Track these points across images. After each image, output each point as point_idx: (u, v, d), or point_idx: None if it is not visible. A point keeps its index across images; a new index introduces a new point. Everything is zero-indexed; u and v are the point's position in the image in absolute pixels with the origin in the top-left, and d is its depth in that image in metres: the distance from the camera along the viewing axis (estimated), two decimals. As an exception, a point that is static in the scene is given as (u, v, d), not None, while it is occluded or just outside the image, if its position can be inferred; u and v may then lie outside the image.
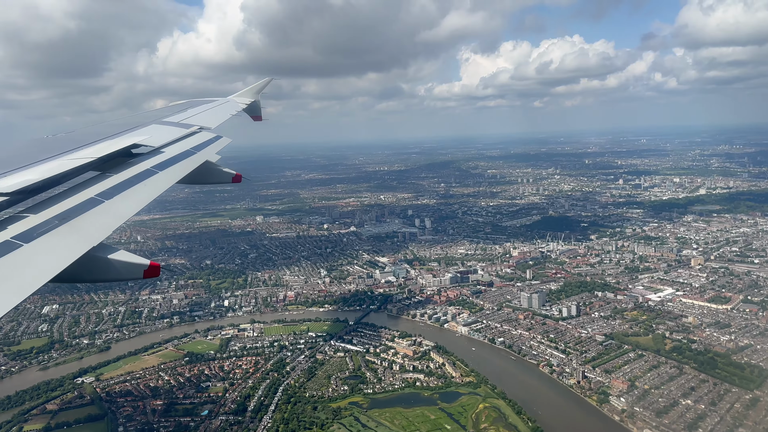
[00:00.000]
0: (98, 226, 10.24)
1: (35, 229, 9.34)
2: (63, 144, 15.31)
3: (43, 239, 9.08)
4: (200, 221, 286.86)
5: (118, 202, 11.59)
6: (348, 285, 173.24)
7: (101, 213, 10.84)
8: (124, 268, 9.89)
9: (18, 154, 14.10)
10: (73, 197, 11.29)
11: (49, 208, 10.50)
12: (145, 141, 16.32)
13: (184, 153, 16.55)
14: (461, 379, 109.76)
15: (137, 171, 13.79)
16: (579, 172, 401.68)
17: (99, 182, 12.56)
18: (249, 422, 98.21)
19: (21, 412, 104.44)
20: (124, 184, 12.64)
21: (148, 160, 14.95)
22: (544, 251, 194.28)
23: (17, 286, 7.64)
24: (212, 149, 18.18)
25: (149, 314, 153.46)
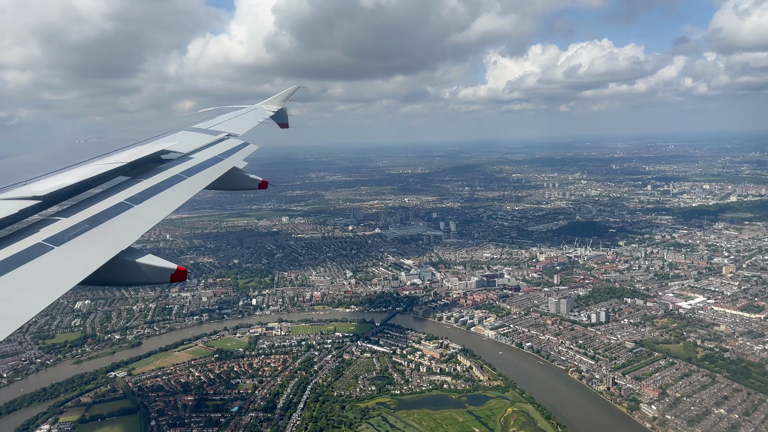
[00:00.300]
0: (127, 230, 10.38)
1: (66, 233, 9.52)
2: (95, 149, 15.58)
3: (74, 242, 9.26)
4: (227, 221, 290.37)
5: (147, 206, 11.75)
6: (374, 286, 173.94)
7: (130, 217, 10.98)
8: (152, 272, 9.98)
9: (52, 159, 14.39)
10: (103, 201, 11.49)
11: (80, 211, 10.68)
12: (175, 147, 16.50)
13: (212, 159, 16.73)
14: (489, 382, 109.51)
15: (166, 176, 13.98)
16: (606, 177, 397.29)
17: (129, 187, 12.75)
18: (278, 419, 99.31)
19: (56, 403, 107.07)
20: (153, 189, 12.80)
21: (177, 165, 15.14)
22: (571, 257, 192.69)
23: (47, 288, 7.83)
24: (239, 156, 18.43)
25: (179, 311, 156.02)
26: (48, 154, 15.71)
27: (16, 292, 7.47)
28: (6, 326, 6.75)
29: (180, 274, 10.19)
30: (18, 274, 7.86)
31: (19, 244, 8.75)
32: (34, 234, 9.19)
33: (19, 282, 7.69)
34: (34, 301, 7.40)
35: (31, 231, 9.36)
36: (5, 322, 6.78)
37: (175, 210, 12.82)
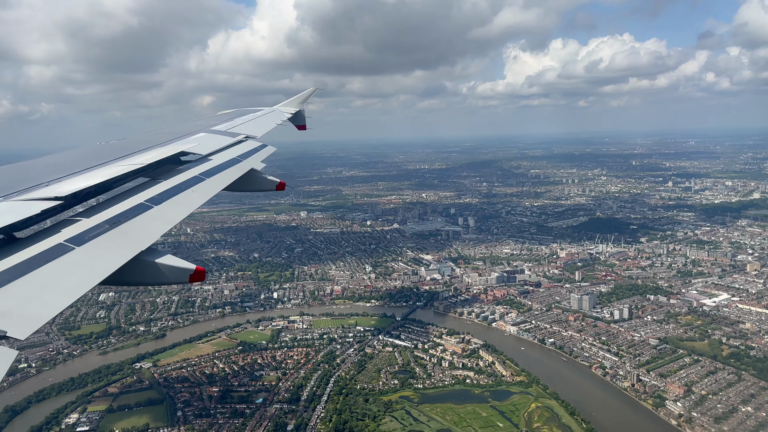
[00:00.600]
0: (147, 230, 10.47)
1: (87, 233, 9.61)
2: (115, 150, 15.72)
3: (95, 243, 9.34)
4: (246, 215, 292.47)
5: (167, 207, 11.84)
6: (393, 281, 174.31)
7: (150, 218, 11.07)
8: (171, 272, 10.01)
9: (74, 160, 14.56)
10: (123, 202, 11.60)
11: (101, 212, 10.79)
12: (194, 149, 16.68)
13: (231, 161, 16.87)
14: (512, 378, 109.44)
15: (185, 178, 14.07)
16: (626, 173, 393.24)
17: (149, 188, 12.85)
18: (303, 411, 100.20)
19: (84, 393, 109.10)
20: (172, 191, 12.89)
21: (196, 167, 15.26)
22: (592, 253, 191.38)
23: (68, 288, 7.96)
24: (258, 157, 18.61)
25: (202, 304, 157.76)
26: (70, 156, 15.94)
27: (37, 292, 7.58)
28: (27, 326, 6.84)
29: (199, 274, 10.26)
30: (40, 273, 7.96)
31: (41, 244, 8.84)
32: (55, 234, 9.28)
33: (41, 282, 7.79)
34: (55, 301, 7.54)
35: (52, 231, 9.45)
36: (27, 321, 6.89)
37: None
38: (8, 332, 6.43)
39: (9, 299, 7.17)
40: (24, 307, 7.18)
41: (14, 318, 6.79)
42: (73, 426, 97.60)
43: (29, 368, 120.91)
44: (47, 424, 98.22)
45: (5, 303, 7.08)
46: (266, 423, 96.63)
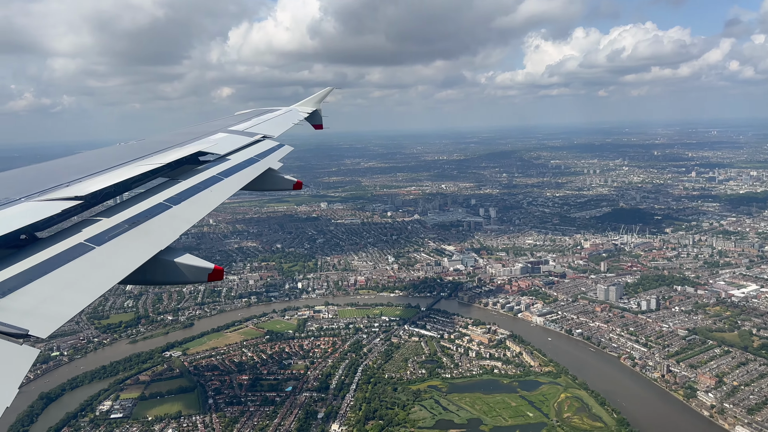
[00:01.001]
0: (166, 230, 10.52)
1: (107, 233, 9.66)
2: (135, 151, 15.83)
3: (114, 242, 9.41)
4: (267, 206, 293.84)
5: (185, 207, 11.89)
6: (416, 272, 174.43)
7: (169, 218, 11.11)
8: (190, 271, 10.03)
9: (94, 161, 14.65)
10: (143, 202, 11.64)
11: (121, 212, 10.83)
12: (212, 149, 16.70)
13: (248, 161, 16.89)
14: (540, 368, 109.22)
15: (204, 177, 14.08)
16: (648, 163, 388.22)
17: (167, 188, 12.89)
18: (332, 399, 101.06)
19: (116, 381, 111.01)
20: (191, 190, 12.92)
21: (214, 167, 15.28)
22: (617, 244, 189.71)
23: (88, 287, 8.01)
24: (275, 157, 18.60)
25: (227, 293, 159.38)
26: (90, 156, 16.02)
27: (58, 291, 7.65)
28: (48, 324, 6.89)
29: (217, 273, 10.21)
30: (60, 273, 8.03)
31: (62, 243, 8.91)
32: (76, 234, 9.35)
33: (62, 281, 7.87)
34: (75, 300, 7.60)
35: (73, 231, 9.52)
36: (48, 320, 6.95)
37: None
38: (30, 330, 6.50)
39: (31, 298, 7.26)
40: (45, 305, 7.26)
41: (36, 317, 6.87)
42: (107, 413, 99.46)
43: (61, 356, 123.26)
44: (82, 410, 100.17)
45: (27, 302, 7.17)
46: (297, 411, 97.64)
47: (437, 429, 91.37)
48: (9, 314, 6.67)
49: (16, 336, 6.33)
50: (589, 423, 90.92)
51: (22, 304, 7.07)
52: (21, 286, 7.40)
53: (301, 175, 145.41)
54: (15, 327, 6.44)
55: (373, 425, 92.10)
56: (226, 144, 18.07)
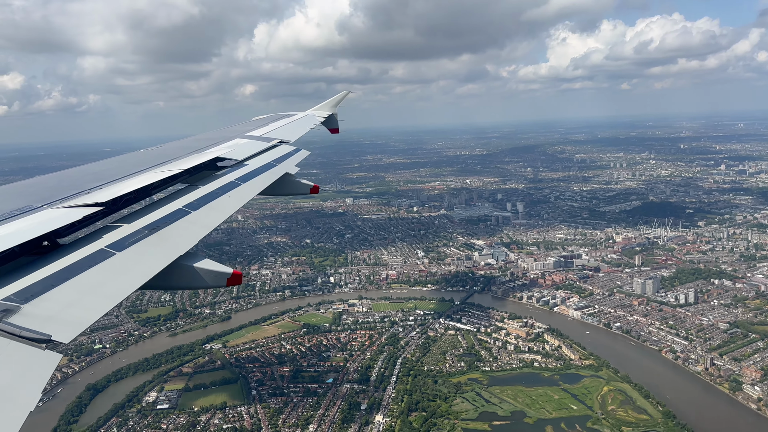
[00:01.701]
0: (185, 235, 10.58)
1: (127, 239, 9.75)
2: (154, 158, 15.97)
3: (135, 248, 9.48)
4: (293, 202, 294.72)
5: (204, 212, 11.94)
6: (447, 266, 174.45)
7: (188, 223, 11.16)
8: (209, 276, 10.06)
9: (114, 168, 14.74)
10: (162, 208, 11.72)
11: (141, 218, 10.89)
12: (229, 154, 16.81)
13: (266, 166, 16.95)
14: (581, 361, 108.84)
15: (222, 183, 14.15)
16: (675, 156, 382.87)
17: (186, 194, 12.93)
18: (373, 391, 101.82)
19: (160, 373, 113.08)
20: (209, 196, 12.96)
21: (232, 172, 15.38)
22: (650, 237, 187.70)
23: (109, 292, 8.08)
24: (291, 162, 18.58)
25: (261, 288, 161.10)
26: (110, 164, 16.17)
27: (80, 297, 7.71)
28: (70, 329, 6.93)
29: (236, 278, 10.22)
30: (82, 278, 8.11)
31: (83, 250, 9.00)
32: (97, 240, 9.45)
33: (83, 286, 7.95)
34: (96, 305, 7.65)
35: (94, 237, 9.62)
36: (70, 325, 7.00)
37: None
38: (53, 336, 6.51)
39: (53, 304, 7.31)
40: (67, 311, 7.31)
41: (58, 322, 6.91)
42: (153, 404, 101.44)
43: (104, 349, 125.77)
44: (128, 401, 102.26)
45: (49, 307, 7.21)
46: (339, 402, 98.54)
47: (480, 421, 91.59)
48: (32, 320, 6.73)
49: (38, 341, 6.36)
50: (634, 416, 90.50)
51: (45, 309, 7.12)
52: (43, 292, 7.47)
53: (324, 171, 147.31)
54: (38, 332, 6.47)
55: (416, 417, 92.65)
56: (243, 149, 18.25)
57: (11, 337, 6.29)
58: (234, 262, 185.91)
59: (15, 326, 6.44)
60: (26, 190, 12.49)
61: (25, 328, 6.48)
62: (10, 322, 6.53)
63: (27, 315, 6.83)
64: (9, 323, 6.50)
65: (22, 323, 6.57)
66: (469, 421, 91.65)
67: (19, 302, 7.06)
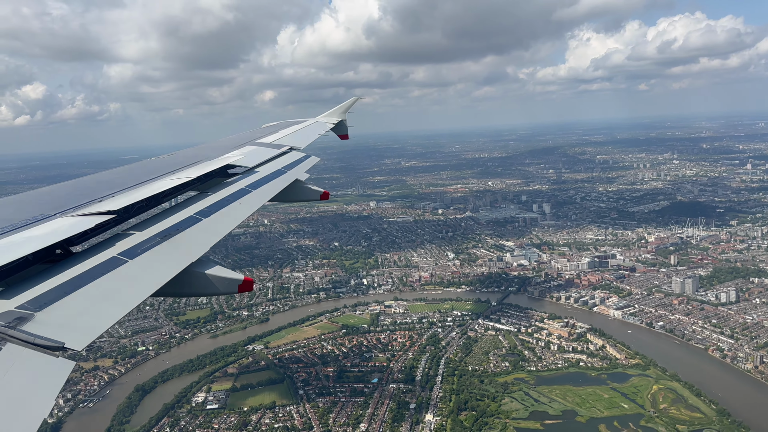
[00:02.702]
0: (197, 242, 10.63)
1: (139, 246, 9.81)
2: (166, 165, 16.02)
3: (147, 255, 9.54)
4: (317, 206, 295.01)
5: (215, 219, 12.01)
6: (479, 267, 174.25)
7: (199, 230, 11.22)
8: (220, 282, 10.07)
9: (126, 176, 14.78)
10: (174, 215, 11.78)
11: (153, 225, 10.96)
12: (240, 161, 16.89)
13: (276, 172, 17.00)
14: (627, 361, 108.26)
15: (233, 190, 14.23)
16: (698, 156, 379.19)
17: (198, 201, 13.03)
18: (420, 391, 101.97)
19: (205, 374, 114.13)
20: (220, 203, 13.06)
21: (243, 179, 15.48)
22: (682, 237, 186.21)
23: (122, 299, 8.12)
24: (302, 168, 18.64)
25: (296, 290, 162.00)
26: (122, 172, 16.19)
27: (93, 304, 7.74)
28: (83, 337, 6.93)
29: (247, 284, 10.25)
30: (95, 286, 8.15)
31: (96, 257, 9.07)
32: (109, 248, 9.52)
33: (96, 294, 7.97)
34: (109, 313, 7.67)
35: (107, 245, 9.71)
36: (83, 332, 7.00)
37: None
38: (66, 343, 6.51)
39: (66, 311, 7.32)
40: (80, 318, 7.33)
41: (71, 329, 6.94)
42: (203, 404, 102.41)
43: (147, 351, 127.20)
44: (178, 402, 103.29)
45: (63, 315, 7.22)
46: (387, 401, 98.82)
47: (532, 420, 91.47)
48: (45, 327, 6.73)
49: (52, 348, 6.37)
50: (687, 414, 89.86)
51: (58, 317, 7.14)
52: (57, 300, 7.49)
53: (344, 176, 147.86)
54: (51, 340, 6.46)
55: (466, 416, 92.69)
56: (254, 156, 18.32)
57: (25, 345, 6.28)
58: (265, 266, 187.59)
59: (29, 334, 6.45)
60: (40, 198, 12.57)
61: (39, 335, 6.47)
62: (25, 330, 6.53)
63: (41, 323, 6.82)
64: (23, 331, 6.51)
65: (36, 331, 6.57)
66: (521, 420, 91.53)
67: (33, 310, 7.07)
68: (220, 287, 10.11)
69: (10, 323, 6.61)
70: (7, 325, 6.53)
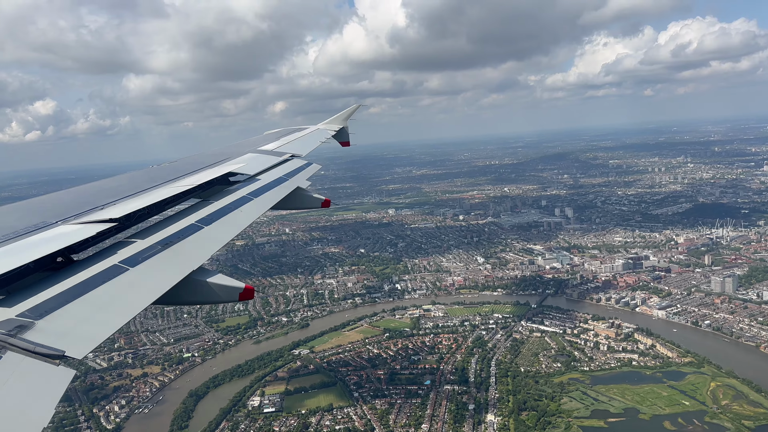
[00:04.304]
0: (198, 251, 10.63)
1: (141, 254, 9.78)
2: (167, 173, 16.03)
3: (148, 263, 9.51)
4: (336, 215, 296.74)
5: (216, 227, 11.97)
6: (511, 271, 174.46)
7: (201, 238, 11.20)
8: (222, 290, 10.05)
9: (128, 184, 14.83)
10: (175, 224, 11.71)
11: (154, 233, 10.92)
12: (241, 169, 16.90)
13: (277, 180, 16.99)
14: (679, 359, 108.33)
15: (234, 198, 14.24)
16: (712, 159, 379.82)
17: (199, 209, 12.97)
18: (476, 392, 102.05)
19: (256, 378, 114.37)
20: (222, 211, 13.00)
21: (244, 187, 15.47)
22: (712, 238, 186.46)
23: (123, 308, 8.07)
24: (303, 176, 18.69)
25: (330, 296, 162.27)
26: (124, 179, 16.19)
27: (93, 312, 7.70)
28: (84, 345, 6.89)
29: (248, 292, 10.25)
30: (96, 294, 8.11)
31: (97, 265, 9.04)
32: (110, 256, 9.50)
33: (97, 302, 7.93)
34: (110, 321, 7.63)
35: (108, 253, 9.69)
36: (84, 341, 6.98)
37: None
38: (66, 352, 6.48)
39: (67, 319, 7.28)
40: (81, 327, 7.27)
41: (72, 338, 6.89)
42: (259, 407, 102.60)
43: (193, 357, 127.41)
44: (234, 406, 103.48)
45: (63, 323, 7.17)
46: (444, 402, 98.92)
47: (595, 418, 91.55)
48: (46, 335, 6.68)
49: (52, 357, 6.33)
50: (751, 410, 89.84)
51: (59, 325, 7.08)
52: (58, 308, 7.43)
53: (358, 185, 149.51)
54: (52, 348, 6.43)
55: (527, 416, 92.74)
56: (255, 164, 18.32)
57: (26, 353, 6.23)
58: (295, 273, 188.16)
59: (30, 342, 6.41)
60: (41, 206, 12.53)
61: (40, 344, 6.42)
62: (25, 338, 6.48)
63: (41, 331, 6.77)
64: (24, 339, 6.46)
65: (37, 339, 6.53)
66: (583, 419, 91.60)
67: (33, 318, 7.01)
68: (221, 295, 10.11)
69: (10, 331, 6.54)
70: (7, 333, 6.47)
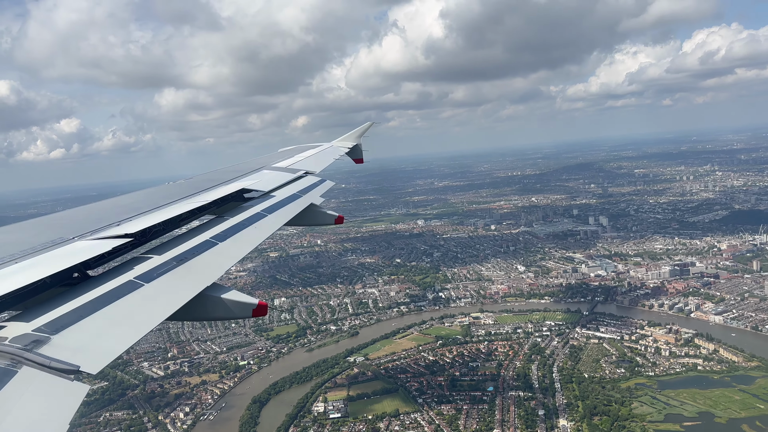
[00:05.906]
0: (212, 267, 10.71)
1: (156, 270, 9.87)
2: (183, 189, 16.16)
3: (163, 279, 9.59)
4: (365, 226, 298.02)
5: (231, 244, 12.06)
6: (555, 279, 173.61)
7: (215, 254, 11.30)
8: (235, 306, 10.13)
9: (144, 200, 14.91)
10: (190, 240, 11.80)
11: (170, 249, 11.02)
12: (255, 185, 17.05)
13: (291, 196, 17.11)
14: (746, 363, 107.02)
15: (249, 214, 14.33)
16: (740, 167, 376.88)
17: (214, 225, 13.05)
18: (542, 397, 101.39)
19: (315, 385, 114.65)
20: (236, 227, 13.11)
21: (259, 204, 15.55)
22: (756, 244, 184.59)
23: (138, 323, 8.15)
24: (317, 192, 18.83)
25: (375, 305, 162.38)
26: (140, 196, 16.41)
27: (108, 327, 7.79)
28: (99, 360, 6.94)
29: (261, 308, 10.28)
30: (111, 309, 8.19)
31: (113, 281, 9.13)
32: (126, 272, 9.59)
33: (112, 317, 8.02)
34: (125, 336, 7.70)
35: (123, 269, 9.79)
36: (99, 356, 7.02)
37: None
38: (81, 366, 6.54)
39: (82, 334, 7.34)
40: (96, 342, 7.34)
41: (87, 353, 6.95)
42: (324, 413, 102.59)
43: (249, 365, 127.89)
44: (299, 411, 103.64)
45: (79, 338, 7.22)
46: (512, 408, 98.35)
47: (669, 423, 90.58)
48: (61, 351, 6.74)
49: (67, 372, 6.38)
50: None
51: (74, 340, 7.14)
52: (73, 323, 7.50)
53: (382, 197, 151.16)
54: (67, 363, 6.48)
55: (600, 420, 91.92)
56: (269, 181, 18.48)
57: (41, 368, 6.29)
58: (335, 283, 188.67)
59: (45, 357, 6.48)
60: (58, 222, 12.74)
61: (55, 358, 6.49)
62: (41, 353, 6.55)
63: (57, 346, 6.83)
64: (39, 354, 6.53)
65: (52, 354, 6.59)
66: (657, 423, 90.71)
67: (49, 333, 7.09)
68: (235, 311, 10.22)
69: (26, 346, 6.63)
70: (24, 348, 6.56)
